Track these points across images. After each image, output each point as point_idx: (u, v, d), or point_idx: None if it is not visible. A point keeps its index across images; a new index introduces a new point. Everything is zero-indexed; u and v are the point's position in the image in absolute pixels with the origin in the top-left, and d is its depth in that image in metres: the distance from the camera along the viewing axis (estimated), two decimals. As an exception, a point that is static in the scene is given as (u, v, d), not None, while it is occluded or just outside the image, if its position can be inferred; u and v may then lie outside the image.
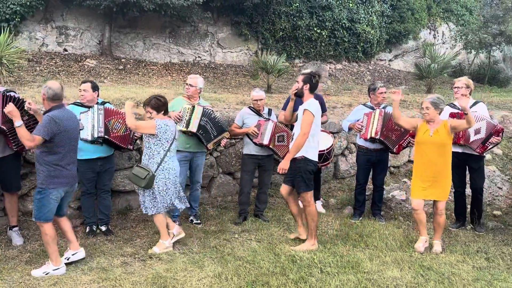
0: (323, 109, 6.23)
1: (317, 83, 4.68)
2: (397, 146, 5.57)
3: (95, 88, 4.93)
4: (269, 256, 4.35)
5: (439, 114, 4.69)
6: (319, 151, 5.62)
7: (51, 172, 3.90)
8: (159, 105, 4.48)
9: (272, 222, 5.55)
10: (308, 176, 4.57)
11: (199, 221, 5.49)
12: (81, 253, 4.22)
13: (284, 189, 4.78)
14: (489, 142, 5.18)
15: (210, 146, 5.33)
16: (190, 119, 5.07)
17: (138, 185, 4.42)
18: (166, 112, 4.57)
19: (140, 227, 5.31)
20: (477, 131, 5.16)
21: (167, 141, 4.48)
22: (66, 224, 4.23)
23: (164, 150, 4.47)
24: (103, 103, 5.04)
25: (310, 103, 4.54)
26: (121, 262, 4.25)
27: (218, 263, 4.16)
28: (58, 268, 3.96)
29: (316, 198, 6.27)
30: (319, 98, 6.20)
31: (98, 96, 5.00)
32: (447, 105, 5.68)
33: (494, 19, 13.56)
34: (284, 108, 6.15)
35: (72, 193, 4.27)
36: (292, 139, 4.71)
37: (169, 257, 4.36)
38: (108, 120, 4.78)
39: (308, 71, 4.67)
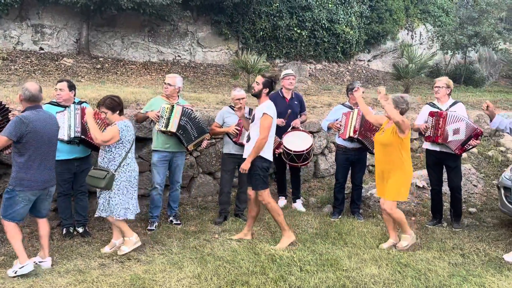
0: (302, 109, 6.27)
1: (274, 87, 4.80)
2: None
3: (71, 87, 4.84)
4: (249, 255, 4.35)
5: (400, 113, 4.63)
6: (299, 151, 5.68)
7: (19, 174, 3.84)
8: (114, 105, 4.38)
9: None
10: (264, 173, 4.61)
11: (178, 222, 5.46)
12: (45, 263, 4.10)
13: (251, 191, 4.78)
14: (469, 144, 5.28)
15: (190, 147, 5.30)
16: (169, 118, 5.03)
17: (97, 186, 4.29)
18: (121, 112, 4.47)
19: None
20: (455, 131, 5.24)
21: (129, 142, 4.41)
22: (42, 228, 4.14)
23: (125, 152, 4.39)
24: (80, 102, 4.97)
25: (269, 106, 4.59)
26: (99, 264, 4.19)
27: (197, 264, 4.13)
28: (24, 266, 3.88)
29: (296, 197, 6.32)
30: (298, 97, 6.25)
31: (74, 95, 4.92)
32: (427, 104, 5.78)
33: (470, 21, 13.87)
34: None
35: (49, 196, 4.16)
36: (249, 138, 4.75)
37: (147, 258, 4.32)
38: (85, 120, 4.70)
39: (268, 74, 4.76)
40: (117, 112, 4.41)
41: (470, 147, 5.34)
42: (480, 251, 4.72)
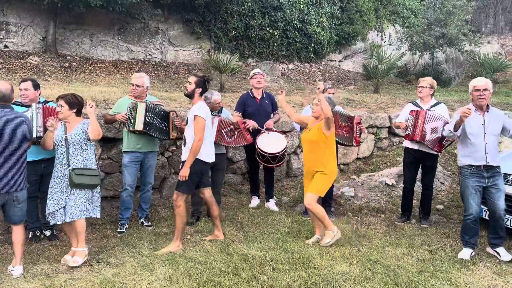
0: (274, 108, 6.29)
1: (207, 88, 4.72)
2: (354, 139, 5.67)
3: (36, 86, 4.71)
4: (221, 256, 4.33)
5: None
6: (274, 153, 5.68)
7: None
8: (74, 102, 4.23)
9: (226, 222, 5.52)
10: (194, 178, 4.49)
11: (149, 223, 5.38)
12: (15, 272, 3.92)
13: (204, 190, 4.73)
14: (446, 140, 5.42)
15: (173, 135, 5.26)
16: (135, 118, 4.95)
17: (95, 184, 4.21)
18: (79, 113, 4.31)
19: (87, 231, 5.10)
20: (433, 130, 5.35)
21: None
22: (14, 234, 3.98)
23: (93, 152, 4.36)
24: (45, 102, 4.83)
25: (200, 107, 4.50)
26: (67, 267, 4.08)
27: (169, 266, 4.08)
28: None
29: (270, 196, 6.34)
30: (269, 96, 6.27)
31: (39, 94, 4.78)
32: (410, 102, 5.88)
33: (437, 22, 14.24)
34: (237, 109, 6.15)
35: (17, 202, 3.97)
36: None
37: (117, 261, 4.23)
38: (47, 119, 4.56)
39: (201, 74, 4.65)
40: (75, 110, 4.24)
41: (448, 143, 5.48)
42: (447, 247, 4.86)
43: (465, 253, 4.58)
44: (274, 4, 12.43)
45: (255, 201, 6.35)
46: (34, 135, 4.49)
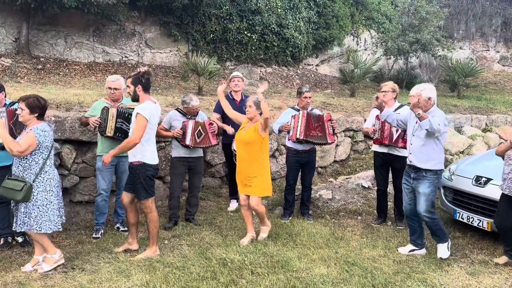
0: None
1: (148, 81, 4.36)
2: (328, 137, 5.71)
3: (1, 88, 4.58)
4: (200, 260, 4.30)
5: (260, 114, 4.87)
6: None
7: None
8: (36, 105, 3.98)
9: (204, 226, 5.49)
10: (148, 182, 4.38)
11: (126, 228, 5.29)
12: None
13: (126, 196, 4.52)
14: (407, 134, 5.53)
15: None
16: (106, 123, 4.87)
17: (14, 198, 3.90)
18: (41, 117, 4.09)
19: (61, 237, 5.00)
20: (397, 130, 5.50)
21: (47, 148, 4.04)
22: None
23: (43, 159, 4.01)
24: (12, 103, 4.70)
25: (144, 107, 4.27)
26: (41, 274, 3.98)
27: (146, 271, 4.02)
28: None
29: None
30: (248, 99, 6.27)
31: (5, 97, 4.65)
32: (374, 107, 5.98)
33: (411, 28, 14.53)
34: (216, 110, 6.14)
35: None
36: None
37: (93, 267, 4.14)
38: (12, 122, 4.43)
39: (134, 73, 4.39)
40: (36, 114, 4.02)
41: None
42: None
43: (405, 248, 4.85)
44: (252, 8, 12.47)
45: (233, 205, 6.33)
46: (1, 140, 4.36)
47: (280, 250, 4.66)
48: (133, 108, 4.99)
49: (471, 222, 5.23)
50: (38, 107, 4.02)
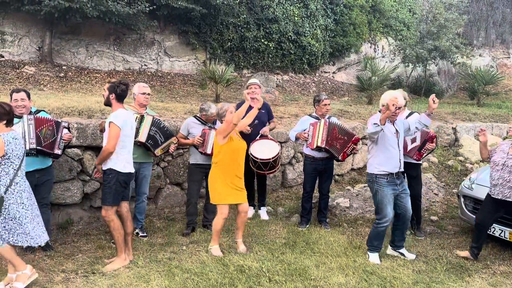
0: (270, 117, 6.33)
1: (124, 92, 4.39)
2: (342, 154, 5.74)
3: (29, 96, 4.74)
4: (217, 267, 4.32)
5: None
6: (266, 159, 5.69)
7: None
8: (2, 112, 3.77)
9: (221, 233, 5.50)
10: (117, 188, 4.32)
11: (145, 234, 5.35)
12: None
13: (124, 206, 4.52)
14: (425, 149, 5.49)
15: (158, 152, 5.25)
16: (138, 129, 4.98)
17: None
18: (10, 124, 3.86)
19: (82, 241, 5.09)
20: (413, 140, 5.45)
21: (17, 157, 3.81)
22: None
23: (14, 169, 3.77)
24: (37, 111, 4.83)
25: (116, 115, 4.28)
26: (62, 278, 4.05)
27: (165, 277, 4.07)
28: None
29: (262, 204, 6.35)
30: (265, 106, 6.31)
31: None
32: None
33: (430, 35, 14.44)
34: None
35: None
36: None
37: (113, 272, 4.20)
38: (39, 130, 4.57)
39: (114, 80, 4.48)
40: (4, 121, 3.80)
41: (427, 151, 5.55)
42: (442, 258, 4.89)
43: (374, 258, 4.76)
44: (269, 16, 12.56)
45: (249, 212, 6.34)
46: (27, 147, 4.48)
47: (298, 258, 4.65)
48: (160, 119, 5.12)
49: (493, 232, 5.15)
50: (5, 114, 3.80)
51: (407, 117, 5.60)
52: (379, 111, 4.77)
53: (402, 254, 4.89)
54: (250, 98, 6.19)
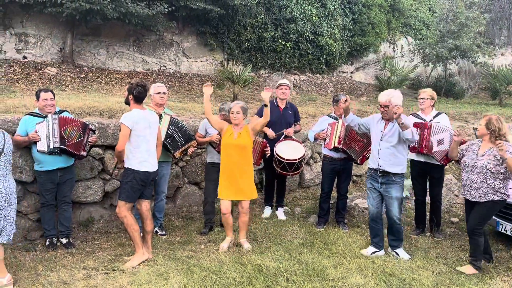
0: (297, 119, 6.35)
1: (140, 94, 4.48)
2: (361, 157, 5.71)
3: (53, 95, 4.87)
4: (235, 266, 4.34)
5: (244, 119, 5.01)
6: (292, 160, 5.68)
7: None
8: None
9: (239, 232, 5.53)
10: (133, 186, 4.39)
11: (164, 232, 5.42)
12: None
13: (143, 204, 4.60)
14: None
15: (177, 154, 5.30)
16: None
17: None
18: None
19: (103, 239, 5.18)
20: (440, 142, 5.34)
21: None
22: None
23: None
24: (61, 111, 4.95)
25: (126, 116, 4.36)
26: (83, 275, 4.13)
27: (183, 275, 4.11)
28: None
29: (279, 205, 6.35)
30: (292, 107, 6.32)
31: None
32: (411, 114, 5.89)
33: (450, 34, 14.21)
34: (258, 114, 6.21)
35: None
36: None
37: (133, 269, 4.27)
38: (64, 129, 4.68)
39: (133, 81, 4.54)
40: None
41: None
42: (463, 260, 4.81)
43: (367, 249, 4.93)
44: (287, 16, 12.55)
45: (267, 211, 6.36)
46: (51, 146, 4.60)
47: (316, 258, 4.64)
48: (178, 118, 5.17)
49: (504, 229, 5.05)
50: None
51: (434, 117, 5.53)
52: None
53: (397, 254, 4.86)
54: (280, 99, 6.21)
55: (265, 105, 4.86)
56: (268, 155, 5.65)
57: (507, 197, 4.51)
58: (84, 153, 4.93)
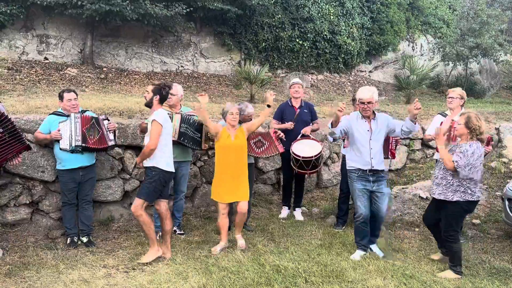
0: (314, 117, 6.31)
1: (167, 95, 4.64)
2: (389, 152, 5.62)
3: (76, 95, 4.97)
4: (253, 266, 4.34)
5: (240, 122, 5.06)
6: (308, 157, 5.64)
7: None
8: None
9: (256, 232, 5.54)
10: (157, 186, 4.44)
11: (182, 232, 5.46)
12: None
13: (162, 204, 4.64)
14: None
15: (205, 146, 5.34)
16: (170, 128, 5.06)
17: None
18: None
19: (123, 238, 5.25)
20: None
21: None
22: None
23: None
24: (83, 111, 5.03)
25: (158, 114, 4.46)
26: (104, 273, 4.18)
27: (202, 274, 4.13)
28: None
29: (297, 205, 6.33)
30: (308, 106, 6.29)
31: None
32: (438, 113, 5.80)
33: (471, 32, 13.95)
34: (275, 117, 6.20)
35: None
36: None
37: (152, 268, 4.31)
38: (86, 128, 4.76)
39: (157, 82, 4.58)
40: None
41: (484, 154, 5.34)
42: (485, 263, 4.72)
43: (356, 254, 4.76)
44: (305, 16, 12.49)
45: (285, 212, 6.34)
46: (73, 144, 4.68)
47: (334, 259, 4.61)
48: (194, 115, 5.19)
49: None
50: None
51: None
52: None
53: (371, 249, 4.87)
54: (294, 97, 6.19)
55: (268, 105, 5.05)
56: (282, 136, 5.59)
57: (471, 197, 4.33)
58: (112, 142, 5.01)
